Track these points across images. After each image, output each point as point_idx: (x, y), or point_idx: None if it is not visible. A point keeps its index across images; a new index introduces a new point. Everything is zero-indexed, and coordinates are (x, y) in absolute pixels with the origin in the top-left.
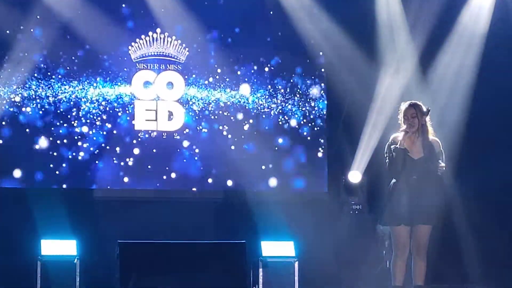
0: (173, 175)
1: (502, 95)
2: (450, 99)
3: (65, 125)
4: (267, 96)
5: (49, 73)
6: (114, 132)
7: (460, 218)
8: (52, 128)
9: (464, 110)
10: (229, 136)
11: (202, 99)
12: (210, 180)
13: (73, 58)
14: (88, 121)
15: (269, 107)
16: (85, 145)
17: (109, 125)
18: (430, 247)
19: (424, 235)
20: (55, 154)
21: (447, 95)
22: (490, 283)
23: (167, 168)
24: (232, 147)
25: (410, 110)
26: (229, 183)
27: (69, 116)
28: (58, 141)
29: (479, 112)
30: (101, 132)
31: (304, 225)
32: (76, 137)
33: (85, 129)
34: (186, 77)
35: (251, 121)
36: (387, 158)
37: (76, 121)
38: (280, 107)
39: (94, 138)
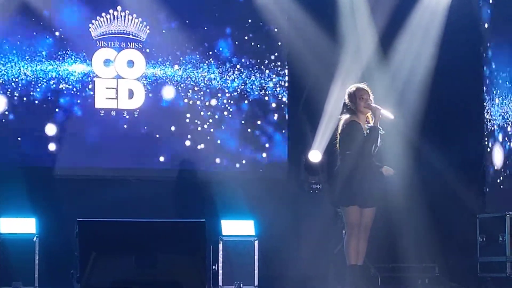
0: (133, 153)
1: (461, 77)
2: (410, 79)
3: (25, 102)
4: (227, 75)
5: (8, 50)
6: (74, 110)
7: (418, 199)
8: (12, 106)
9: (424, 90)
10: (188, 115)
11: (162, 77)
12: (168, 159)
13: (32, 35)
14: (48, 98)
15: (230, 85)
16: (44, 123)
17: (69, 103)
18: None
19: (371, 217)
20: (14, 131)
21: (407, 76)
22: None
23: (127, 146)
24: (192, 126)
25: (367, 93)
26: (188, 162)
27: (28, 93)
28: (19, 118)
29: (439, 92)
30: (61, 110)
31: (265, 204)
32: (36, 115)
33: (44, 107)
34: (146, 55)
35: (212, 100)
36: (351, 138)
37: (35, 99)
38: (241, 86)
39: (54, 116)
